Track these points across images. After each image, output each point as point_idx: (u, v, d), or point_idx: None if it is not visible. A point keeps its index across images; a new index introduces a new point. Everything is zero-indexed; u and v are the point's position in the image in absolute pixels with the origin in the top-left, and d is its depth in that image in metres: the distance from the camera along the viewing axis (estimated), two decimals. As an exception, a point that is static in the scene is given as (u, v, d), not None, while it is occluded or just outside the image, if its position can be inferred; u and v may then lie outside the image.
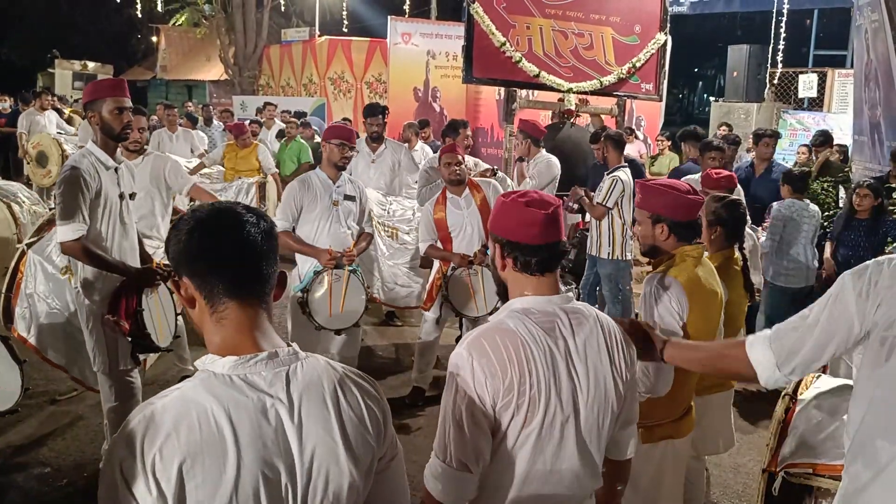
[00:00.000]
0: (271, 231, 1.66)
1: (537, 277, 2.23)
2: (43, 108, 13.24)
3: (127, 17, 25.33)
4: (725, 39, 23.68)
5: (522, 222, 2.22)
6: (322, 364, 1.67)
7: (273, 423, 1.53)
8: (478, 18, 8.02)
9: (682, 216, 3.11)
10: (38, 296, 5.16)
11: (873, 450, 1.94)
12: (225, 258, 1.60)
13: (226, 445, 1.48)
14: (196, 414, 1.49)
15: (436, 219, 5.66)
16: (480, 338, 2.13)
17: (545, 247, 2.21)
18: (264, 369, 1.57)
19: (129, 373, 4.28)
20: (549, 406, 2.10)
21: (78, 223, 3.93)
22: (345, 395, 1.65)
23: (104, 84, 4.22)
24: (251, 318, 1.62)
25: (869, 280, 1.96)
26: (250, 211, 1.66)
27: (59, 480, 4.48)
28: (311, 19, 21.92)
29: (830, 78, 14.71)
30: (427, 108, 14.42)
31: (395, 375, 6.40)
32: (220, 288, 1.60)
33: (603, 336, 2.24)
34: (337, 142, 5.14)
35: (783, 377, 2.14)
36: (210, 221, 1.62)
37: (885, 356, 1.92)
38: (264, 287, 1.65)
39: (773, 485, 3.11)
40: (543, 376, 2.09)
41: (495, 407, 2.07)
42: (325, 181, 5.19)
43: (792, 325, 2.13)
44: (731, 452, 4.70)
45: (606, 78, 8.71)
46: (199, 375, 1.57)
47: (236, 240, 1.60)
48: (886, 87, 8.54)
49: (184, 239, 1.60)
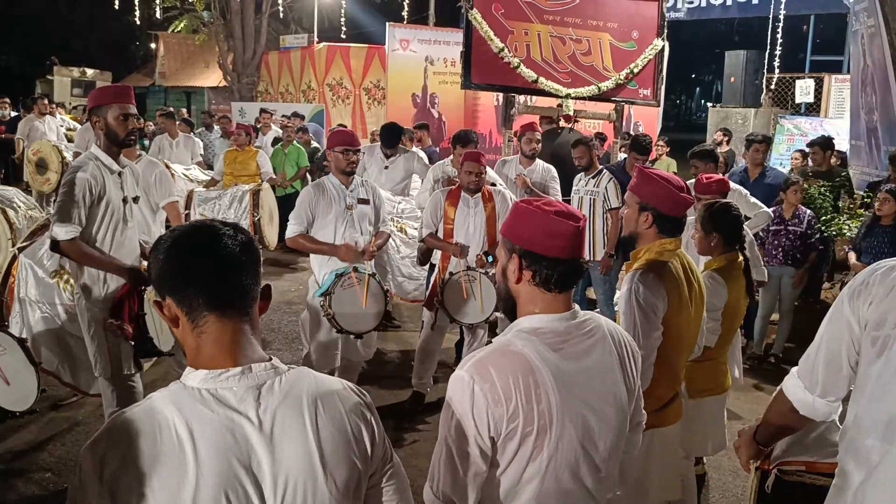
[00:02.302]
0: (249, 244, 1.63)
1: (554, 295, 2.08)
2: (41, 113, 13.27)
3: (125, 23, 25.27)
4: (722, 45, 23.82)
5: (550, 233, 2.05)
6: (305, 379, 1.64)
7: (239, 440, 1.50)
8: (476, 24, 8.06)
9: (669, 210, 3.11)
10: (29, 300, 5.18)
11: (864, 448, 1.96)
12: (202, 271, 1.58)
13: (185, 460, 1.46)
14: (159, 426, 1.48)
15: (445, 209, 5.70)
16: (484, 360, 1.99)
17: (569, 261, 2.07)
18: (236, 384, 1.54)
19: (131, 377, 4.31)
20: (562, 433, 1.98)
21: (73, 225, 3.97)
22: (325, 412, 1.60)
23: (110, 90, 4.27)
24: (230, 332, 1.59)
25: (862, 282, 2.01)
26: (227, 225, 1.63)
27: (59, 485, 4.49)
28: (310, 26, 21.92)
29: (827, 83, 14.74)
30: (425, 115, 14.43)
31: (395, 379, 6.41)
32: (199, 302, 1.57)
33: (615, 346, 2.14)
34: (340, 149, 5.18)
35: (819, 400, 2.17)
36: (185, 238, 1.60)
37: (875, 355, 1.95)
38: (244, 299, 1.62)
39: (766, 482, 3.14)
40: (555, 402, 1.96)
41: (497, 437, 1.95)
42: (338, 186, 5.22)
43: (809, 348, 2.19)
44: (730, 455, 4.73)
45: (604, 84, 8.75)
46: (171, 387, 1.57)
47: (212, 252, 1.58)
48: (883, 91, 8.58)
49: (161, 258, 1.59)
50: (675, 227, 3.17)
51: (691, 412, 3.55)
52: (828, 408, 2.18)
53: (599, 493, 2.12)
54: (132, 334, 4.12)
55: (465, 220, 5.69)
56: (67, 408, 5.50)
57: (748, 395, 6.28)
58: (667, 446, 3.30)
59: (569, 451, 2.00)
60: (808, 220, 7.17)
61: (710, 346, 3.74)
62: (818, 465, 3.03)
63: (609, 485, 2.17)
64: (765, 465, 3.17)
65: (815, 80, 14.82)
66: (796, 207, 7.18)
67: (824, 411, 2.19)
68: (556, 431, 1.96)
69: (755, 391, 6.43)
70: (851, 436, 2.02)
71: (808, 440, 3.13)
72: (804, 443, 3.13)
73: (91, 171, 4.03)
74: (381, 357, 6.99)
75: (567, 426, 1.98)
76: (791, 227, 7.15)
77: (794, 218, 7.16)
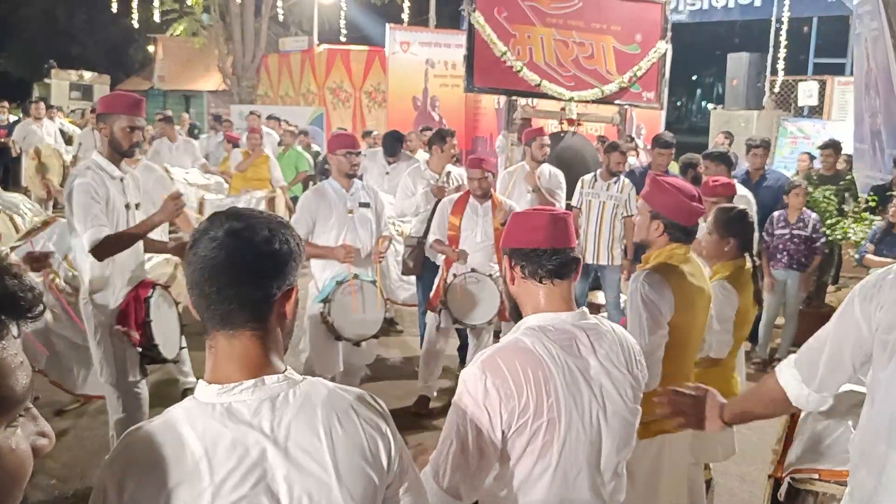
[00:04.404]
0: (271, 253, 1.55)
1: (547, 286, 2.15)
2: (36, 117, 13.25)
3: (124, 27, 25.25)
4: (724, 47, 23.77)
5: (528, 227, 2.18)
6: (320, 390, 1.61)
7: (254, 455, 1.49)
8: (479, 28, 8.04)
9: (680, 219, 3.15)
10: None
11: (875, 454, 1.96)
12: (211, 287, 1.54)
13: (201, 476, 1.45)
14: (174, 443, 1.47)
15: (450, 218, 5.69)
16: (495, 356, 2.04)
17: (551, 251, 2.13)
18: (249, 397, 1.52)
19: (136, 384, 4.28)
20: (570, 429, 2.02)
21: (98, 227, 3.90)
22: (340, 424, 1.57)
23: (123, 100, 4.21)
24: (240, 347, 1.55)
25: (874, 285, 2.00)
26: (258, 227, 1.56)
27: (65, 493, 4.47)
28: (310, 28, 21.88)
29: (830, 86, 14.75)
30: (426, 118, 14.41)
31: (398, 383, 6.39)
32: (210, 315, 1.55)
33: (621, 349, 2.18)
34: (342, 152, 5.14)
35: (814, 394, 2.17)
36: (204, 246, 1.54)
37: (885, 360, 1.94)
38: (257, 313, 1.56)
39: (779, 490, 3.13)
40: (563, 397, 2.01)
41: (509, 431, 1.99)
42: (338, 190, 5.18)
43: (811, 341, 2.18)
44: (737, 460, 4.70)
45: (607, 87, 8.73)
46: (185, 403, 1.55)
47: (226, 269, 1.53)
48: (887, 94, 8.57)
49: (186, 261, 1.58)
50: (686, 235, 3.20)
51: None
52: (819, 402, 2.20)
53: (607, 492, 2.15)
54: (139, 341, 4.09)
55: (473, 228, 5.67)
56: (70, 414, 5.47)
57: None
58: (676, 453, 3.30)
59: (577, 448, 2.04)
60: (812, 223, 7.15)
61: (721, 358, 3.73)
62: (831, 472, 3.02)
63: (617, 486, 2.19)
64: (777, 474, 3.17)
65: (818, 82, 14.82)
66: (801, 211, 7.16)
67: (816, 404, 2.22)
68: (564, 427, 2.01)
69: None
70: (863, 441, 2.03)
71: (821, 447, 3.13)
72: (817, 450, 3.12)
73: (91, 178, 4.00)
74: (383, 363, 6.96)
75: (575, 421, 2.03)
76: (796, 230, 7.13)
77: (798, 221, 7.14)
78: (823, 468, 3.07)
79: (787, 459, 3.19)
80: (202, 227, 1.58)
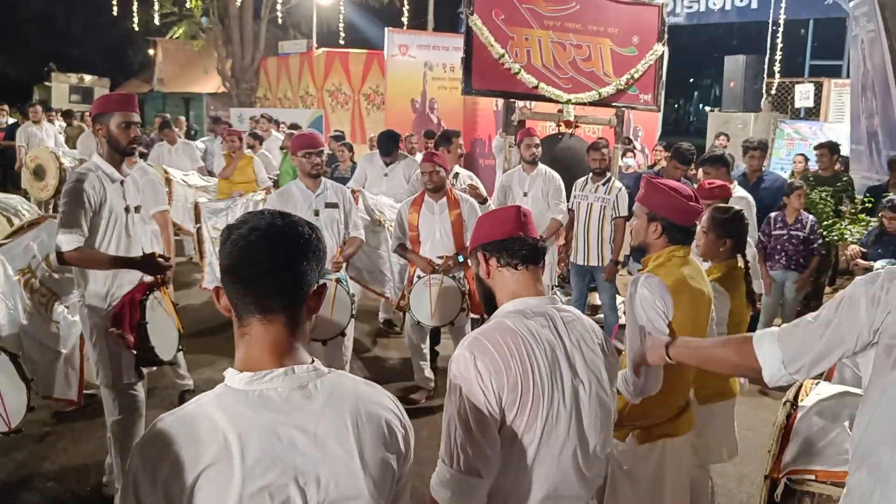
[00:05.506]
0: (308, 248, 1.63)
1: (521, 272, 2.30)
2: (35, 120, 13.24)
3: (123, 29, 25.27)
4: (721, 50, 23.78)
5: (496, 221, 2.37)
6: (346, 381, 1.66)
7: (284, 441, 1.53)
8: (477, 30, 8.04)
9: (678, 219, 3.12)
10: None
11: (877, 457, 1.96)
12: (251, 275, 1.60)
13: (232, 461, 1.48)
14: (207, 428, 1.50)
15: (409, 219, 5.70)
16: (480, 337, 2.14)
17: (521, 239, 2.30)
18: (280, 385, 1.56)
19: (132, 386, 4.28)
20: (552, 403, 2.12)
21: (77, 234, 3.94)
22: (365, 414, 1.63)
23: (113, 98, 4.26)
24: (273, 335, 1.61)
25: (881, 287, 1.99)
26: (293, 224, 1.64)
27: (61, 495, 4.47)
28: (309, 31, 21.93)
29: (826, 88, 14.77)
30: (425, 120, 14.43)
31: (396, 384, 6.37)
32: (246, 302, 1.60)
33: (593, 332, 2.31)
34: (302, 152, 5.11)
35: (788, 375, 2.16)
36: (244, 237, 1.60)
37: (891, 364, 1.94)
38: (292, 304, 1.63)
39: (776, 491, 3.12)
40: (546, 373, 2.12)
41: (502, 404, 2.07)
42: (304, 191, 5.17)
43: (802, 324, 2.16)
44: (735, 462, 4.70)
45: (605, 89, 8.71)
46: (217, 390, 1.59)
47: (266, 258, 1.59)
48: (883, 96, 8.59)
49: (223, 250, 1.62)
50: (685, 236, 3.18)
51: (702, 419, 3.54)
52: (788, 381, 2.22)
53: (589, 471, 2.23)
54: (134, 343, 4.09)
55: (431, 227, 5.69)
56: (68, 417, 5.46)
57: (754, 401, 6.25)
58: (678, 457, 3.29)
59: (559, 424, 2.14)
60: (810, 224, 7.16)
61: None
62: (827, 473, 3.02)
63: (598, 466, 2.28)
64: (774, 474, 3.16)
65: (814, 84, 14.84)
66: (799, 212, 7.17)
67: (784, 383, 2.24)
68: (547, 401, 2.11)
69: (761, 396, 6.41)
70: (864, 443, 2.02)
71: (817, 448, 3.13)
72: (813, 451, 3.12)
73: (90, 181, 4.01)
74: (382, 363, 6.97)
75: (557, 397, 2.13)
76: (794, 231, 7.14)
77: (796, 223, 7.15)
78: (819, 469, 3.07)
79: (784, 460, 3.18)
80: (241, 219, 1.66)
